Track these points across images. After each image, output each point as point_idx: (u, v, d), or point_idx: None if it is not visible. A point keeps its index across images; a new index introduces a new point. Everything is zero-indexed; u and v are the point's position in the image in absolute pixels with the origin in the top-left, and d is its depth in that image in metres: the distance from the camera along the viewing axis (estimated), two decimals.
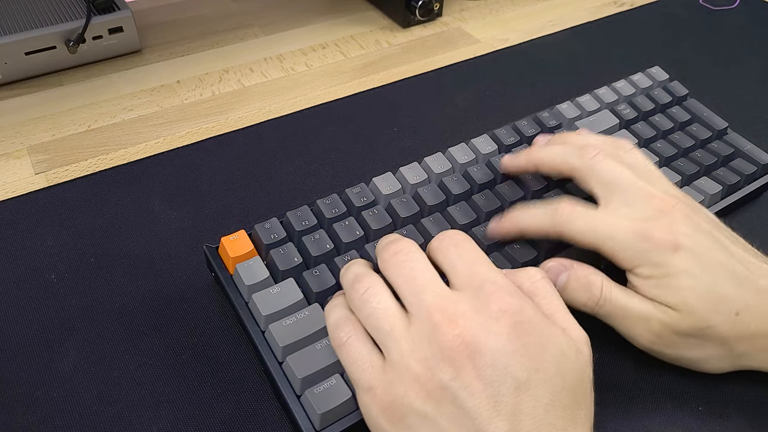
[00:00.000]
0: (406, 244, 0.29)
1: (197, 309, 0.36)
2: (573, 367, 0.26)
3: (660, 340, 0.31)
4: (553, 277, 0.33)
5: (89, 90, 0.53)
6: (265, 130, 0.49)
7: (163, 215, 0.42)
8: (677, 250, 0.31)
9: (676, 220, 0.31)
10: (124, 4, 0.56)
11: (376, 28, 0.63)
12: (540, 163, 0.37)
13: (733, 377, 0.33)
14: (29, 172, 0.45)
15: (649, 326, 0.31)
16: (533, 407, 0.24)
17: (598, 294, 0.32)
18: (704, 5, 0.68)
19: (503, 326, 0.25)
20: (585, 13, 0.67)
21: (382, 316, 0.27)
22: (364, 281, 0.28)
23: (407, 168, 0.40)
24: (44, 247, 0.39)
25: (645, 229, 0.31)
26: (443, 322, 0.25)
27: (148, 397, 0.32)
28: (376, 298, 0.28)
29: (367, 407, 0.27)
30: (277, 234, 0.36)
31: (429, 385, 0.25)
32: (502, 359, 0.25)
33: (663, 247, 0.31)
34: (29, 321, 0.35)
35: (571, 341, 0.27)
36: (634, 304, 0.31)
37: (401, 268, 0.28)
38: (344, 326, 0.28)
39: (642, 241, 0.31)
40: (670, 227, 0.31)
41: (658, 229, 0.31)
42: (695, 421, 0.32)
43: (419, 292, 0.27)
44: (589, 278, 0.32)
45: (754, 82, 0.57)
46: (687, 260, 0.31)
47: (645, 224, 0.31)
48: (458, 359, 0.25)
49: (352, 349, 0.28)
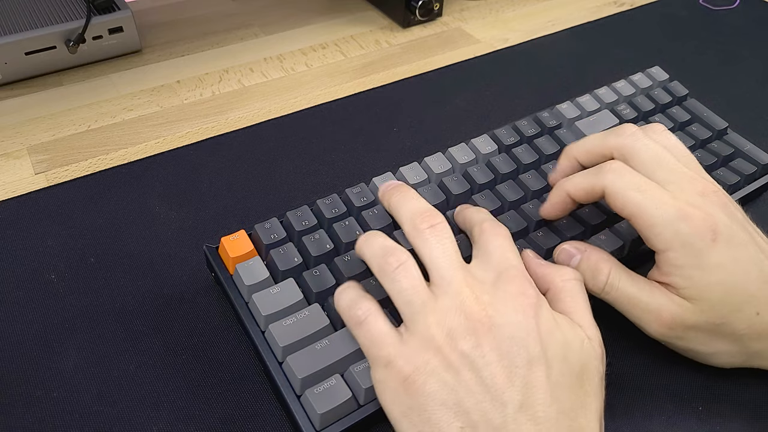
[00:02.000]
0: (442, 219, 0.30)
1: (197, 309, 0.36)
2: (578, 355, 0.27)
3: (671, 332, 0.31)
4: (566, 259, 0.34)
5: (89, 90, 0.53)
6: (265, 130, 0.49)
7: (163, 215, 0.42)
8: (715, 240, 0.30)
9: (717, 207, 0.31)
10: (124, 4, 0.56)
11: (376, 28, 0.63)
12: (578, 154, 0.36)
13: (734, 377, 0.34)
14: (29, 172, 0.45)
15: (660, 317, 0.31)
16: (544, 382, 0.26)
17: (604, 281, 0.32)
18: (704, 5, 0.68)
19: (521, 306, 0.27)
20: (585, 13, 0.67)
21: (415, 291, 0.28)
22: (397, 255, 0.29)
23: (407, 168, 0.40)
24: (44, 247, 0.39)
25: (689, 211, 0.30)
26: (469, 297, 0.27)
27: (148, 397, 0.32)
28: (409, 272, 0.28)
29: (384, 383, 0.27)
30: (277, 234, 0.36)
31: (450, 354, 0.26)
32: (519, 333, 0.26)
33: (703, 234, 0.30)
34: (29, 321, 0.35)
35: (580, 333, 0.28)
36: (644, 295, 0.31)
37: (435, 243, 0.29)
38: (360, 304, 0.29)
39: (683, 221, 0.30)
40: (711, 214, 0.30)
41: (701, 213, 0.30)
42: (695, 421, 0.32)
43: (450, 268, 0.28)
44: (598, 264, 0.32)
45: (754, 82, 0.57)
46: (722, 253, 0.30)
47: (688, 206, 0.30)
48: (480, 330, 0.26)
49: (371, 327, 0.28)
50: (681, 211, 0.30)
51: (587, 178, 0.33)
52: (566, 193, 0.34)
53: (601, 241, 0.37)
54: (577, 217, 0.38)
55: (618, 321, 0.36)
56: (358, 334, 0.29)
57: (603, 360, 0.28)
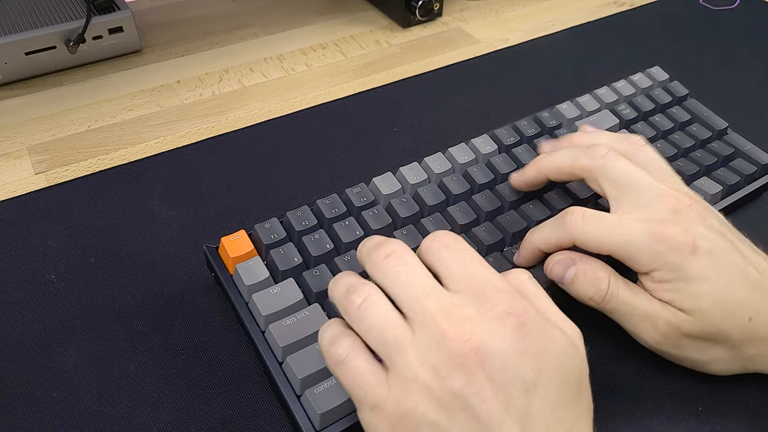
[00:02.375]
0: (397, 246, 0.28)
1: (197, 309, 0.36)
2: (573, 364, 0.26)
3: (666, 340, 0.31)
4: (561, 271, 0.33)
5: (89, 90, 0.53)
6: (265, 130, 0.49)
7: (163, 215, 0.42)
8: (695, 252, 0.30)
9: (692, 221, 0.31)
10: (124, 4, 0.56)
11: (376, 28, 0.63)
12: (549, 171, 0.36)
13: (734, 378, 0.33)
14: (29, 172, 0.45)
15: (656, 326, 0.31)
16: (542, 407, 0.24)
17: (605, 289, 0.31)
18: (704, 5, 0.68)
19: (508, 328, 0.25)
20: (585, 13, 0.67)
21: (385, 327, 0.26)
22: (359, 291, 0.27)
23: (407, 168, 0.40)
24: (44, 247, 0.39)
25: (661, 231, 0.30)
26: (450, 328, 0.25)
27: (148, 397, 0.32)
28: (375, 307, 0.26)
29: (374, 426, 0.25)
30: (277, 234, 0.36)
31: (440, 394, 0.24)
32: (512, 361, 0.24)
33: (680, 250, 0.30)
34: (29, 321, 0.35)
35: (569, 338, 0.26)
36: (642, 303, 0.31)
37: (397, 273, 0.27)
38: (340, 342, 0.27)
39: (658, 243, 0.30)
40: (687, 228, 0.31)
41: (675, 230, 0.30)
42: (695, 421, 0.32)
43: (421, 298, 0.26)
44: (597, 273, 0.32)
45: (754, 82, 0.57)
46: (704, 265, 0.30)
47: (661, 226, 0.31)
48: (469, 365, 0.24)
49: (352, 366, 0.26)
50: (654, 234, 0.30)
51: (554, 232, 0.33)
52: (536, 248, 0.34)
53: None
54: None
55: None
56: (338, 376, 0.27)
57: (585, 356, 0.27)
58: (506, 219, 0.38)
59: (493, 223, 0.38)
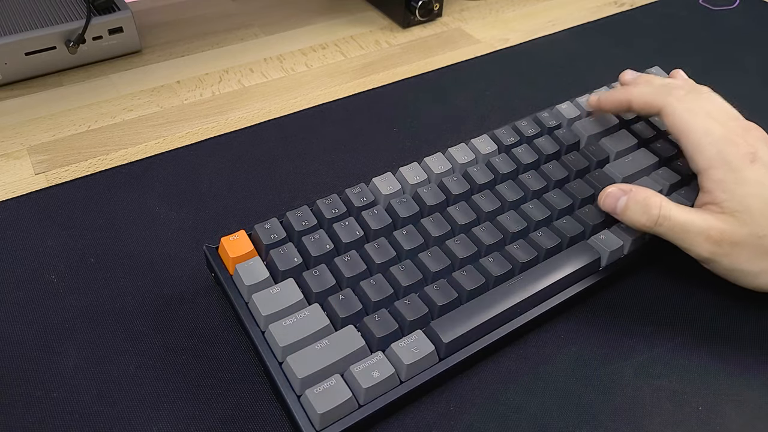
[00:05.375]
0: None
1: (197, 309, 0.36)
2: None
3: (719, 249, 0.33)
4: (612, 201, 0.36)
5: (89, 90, 0.53)
6: (265, 131, 0.49)
7: (163, 215, 0.42)
8: (755, 161, 0.34)
9: (758, 140, 0.35)
10: (124, 4, 0.56)
11: (376, 28, 0.63)
12: (634, 100, 0.39)
13: (733, 376, 0.34)
14: (29, 172, 0.45)
15: (709, 236, 0.33)
16: None
17: (657, 213, 0.34)
18: (704, 5, 0.68)
19: None
20: (585, 13, 0.67)
21: None
22: None
23: (407, 168, 0.40)
24: (44, 247, 0.39)
25: (733, 138, 0.35)
26: None
27: (148, 397, 0.32)
28: None
29: None
30: (277, 234, 0.36)
31: None
32: None
33: (743, 155, 0.34)
34: (29, 321, 0.35)
35: None
36: (694, 218, 0.34)
37: None
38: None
39: (727, 144, 0.35)
40: (753, 144, 0.35)
41: (742, 142, 0.35)
42: (695, 421, 0.32)
43: None
44: (648, 200, 0.35)
45: (754, 82, 0.57)
46: (760, 173, 0.34)
47: (733, 134, 0.35)
48: None
49: None
50: (726, 136, 0.35)
51: (653, 94, 0.38)
52: (629, 97, 0.39)
53: (600, 241, 0.37)
54: (577, 217, 0.38)
55: (618, 321, 0.36)
56: None
57: None
58: (506, 219, 0.38)
59: (493, 223, 0.38)
